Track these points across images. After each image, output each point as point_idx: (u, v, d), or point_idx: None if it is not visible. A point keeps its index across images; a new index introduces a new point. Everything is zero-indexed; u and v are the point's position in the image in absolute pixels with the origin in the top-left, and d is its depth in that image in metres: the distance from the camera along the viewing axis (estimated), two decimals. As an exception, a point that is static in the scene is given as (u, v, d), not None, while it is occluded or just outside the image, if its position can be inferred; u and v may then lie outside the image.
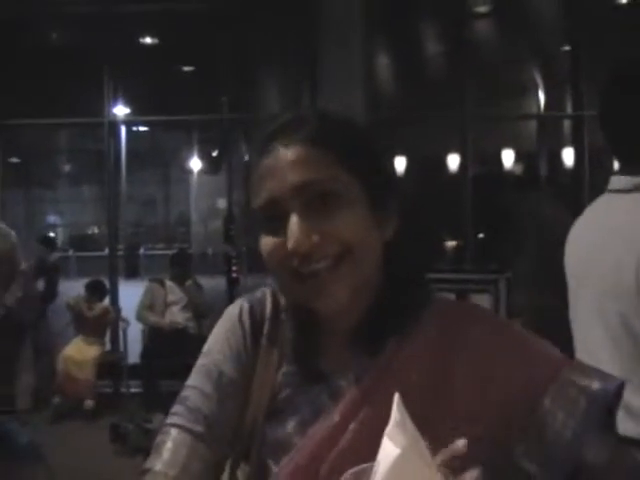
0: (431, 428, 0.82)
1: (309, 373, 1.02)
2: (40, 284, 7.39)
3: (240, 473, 1.06)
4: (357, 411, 0.94)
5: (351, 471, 0.82)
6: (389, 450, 0.78)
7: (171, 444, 1.00)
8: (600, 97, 1.88)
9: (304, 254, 0.93)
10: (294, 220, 0.93)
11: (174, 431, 1.02)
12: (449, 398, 0.94)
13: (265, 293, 1.12)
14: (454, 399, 0.94)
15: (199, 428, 1.01)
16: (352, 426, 0.94)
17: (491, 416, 0.92)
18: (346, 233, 0.94)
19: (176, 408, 1.04)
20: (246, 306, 1.10)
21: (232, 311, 1.11)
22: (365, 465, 0.81)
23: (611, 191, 1.85)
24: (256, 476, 1.03)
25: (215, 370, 1.05)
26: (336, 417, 0.95)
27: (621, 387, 0.92)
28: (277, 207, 0.95)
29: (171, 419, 1.04)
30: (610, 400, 0.92)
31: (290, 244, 0.92)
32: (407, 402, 0.81)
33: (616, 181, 1.84)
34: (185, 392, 1.06)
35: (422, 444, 0.80)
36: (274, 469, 0.99)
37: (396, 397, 0.82)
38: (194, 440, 1.00)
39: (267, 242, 0.96)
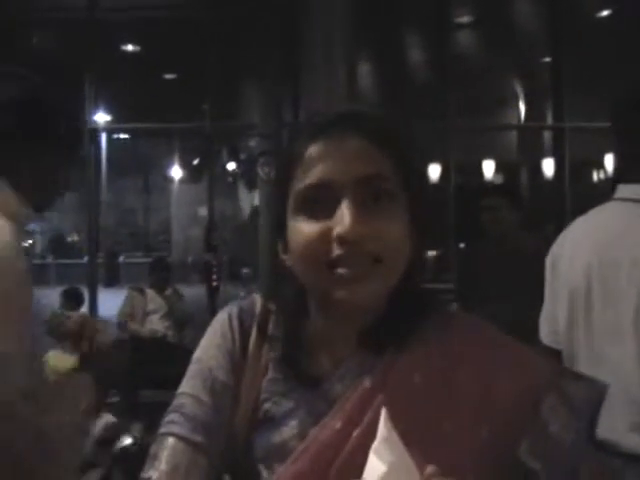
0: (436, 427, 0.89)
1: (299, 376, 0.98)
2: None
3: None
4: (360, 417, 0.90)
5: None
6: (375, 467, 0.77)
7: (169, 454, 0.95)
8: (620, 110, 1.89)
9: (350, 242, 0.88)
10: (347, 205, 0.89)
11: (172, 440, 0.96)
12: (452, 399, 0.92)
13: (255, 299, 1.08)
14: (457, 401, 0.92)
15: (198, 438, 0.96)
16: (356, 432, 0.89)
17: (494, 418, 0.92)
18: (390, 235, 0.91)
19: (172, 416, 0.99)
20: (235, 311, 1.07)
21: (222, 317, 1.07)
22: None
23: (620, 199, 1.85)
24: None
25: (209, 376, 1.01)
26: (337, 423, 0.91)
27: (605, 392, 0.96)
28: (327, 191, 0.91)
29: (168, 428, 0.98)
30: (595, 409, 0.95)
31: (340, 228, 0.88)
32: (410, 405, 0.85)
33: (625, 189, 1.84)
34: (180, 399, 1.00)
35: (409, 460, 0.79)
36: (266, 475, 0.95)
37: (383, 412, 0.81)
38: (193, 450, 0.95)
39: (305, 226, 0.92)
